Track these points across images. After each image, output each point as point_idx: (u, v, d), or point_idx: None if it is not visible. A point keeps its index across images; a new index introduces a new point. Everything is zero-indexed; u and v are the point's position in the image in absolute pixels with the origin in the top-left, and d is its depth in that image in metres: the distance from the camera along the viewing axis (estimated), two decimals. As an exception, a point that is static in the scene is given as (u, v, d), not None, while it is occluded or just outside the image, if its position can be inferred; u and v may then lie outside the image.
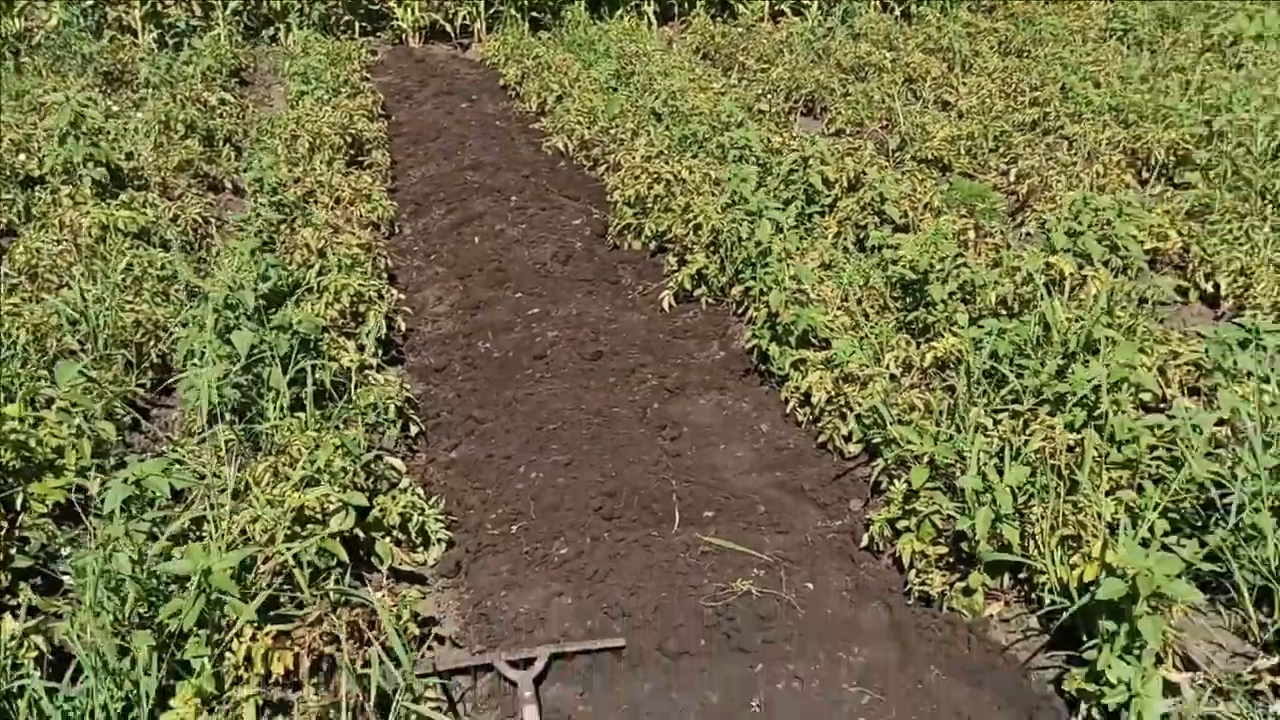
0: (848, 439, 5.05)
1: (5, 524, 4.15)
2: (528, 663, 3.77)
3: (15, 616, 3.47)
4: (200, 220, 7.58)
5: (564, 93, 11.21)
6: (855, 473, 4.95)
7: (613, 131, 9.50)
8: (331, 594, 3.76)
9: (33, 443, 4.36)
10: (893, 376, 5.15)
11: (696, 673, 3.71)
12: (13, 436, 4.29)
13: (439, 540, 4.45)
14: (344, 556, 3.89)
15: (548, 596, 4.15)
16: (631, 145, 8.86)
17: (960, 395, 4.86)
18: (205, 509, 3.96)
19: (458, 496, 4.87)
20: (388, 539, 4.27)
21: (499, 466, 5.11)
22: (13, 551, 3.94)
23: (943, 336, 5.33)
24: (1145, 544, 3.65)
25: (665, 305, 6.76)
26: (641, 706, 3.60)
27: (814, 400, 5.20)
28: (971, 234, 6.62)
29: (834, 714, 3.53)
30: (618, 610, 4.05)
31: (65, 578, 3.97)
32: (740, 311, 6.49)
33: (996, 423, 4.52)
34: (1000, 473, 4.02)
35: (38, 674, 3.27)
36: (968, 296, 5.77)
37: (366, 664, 3.44)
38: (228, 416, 4.79)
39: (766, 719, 3.52)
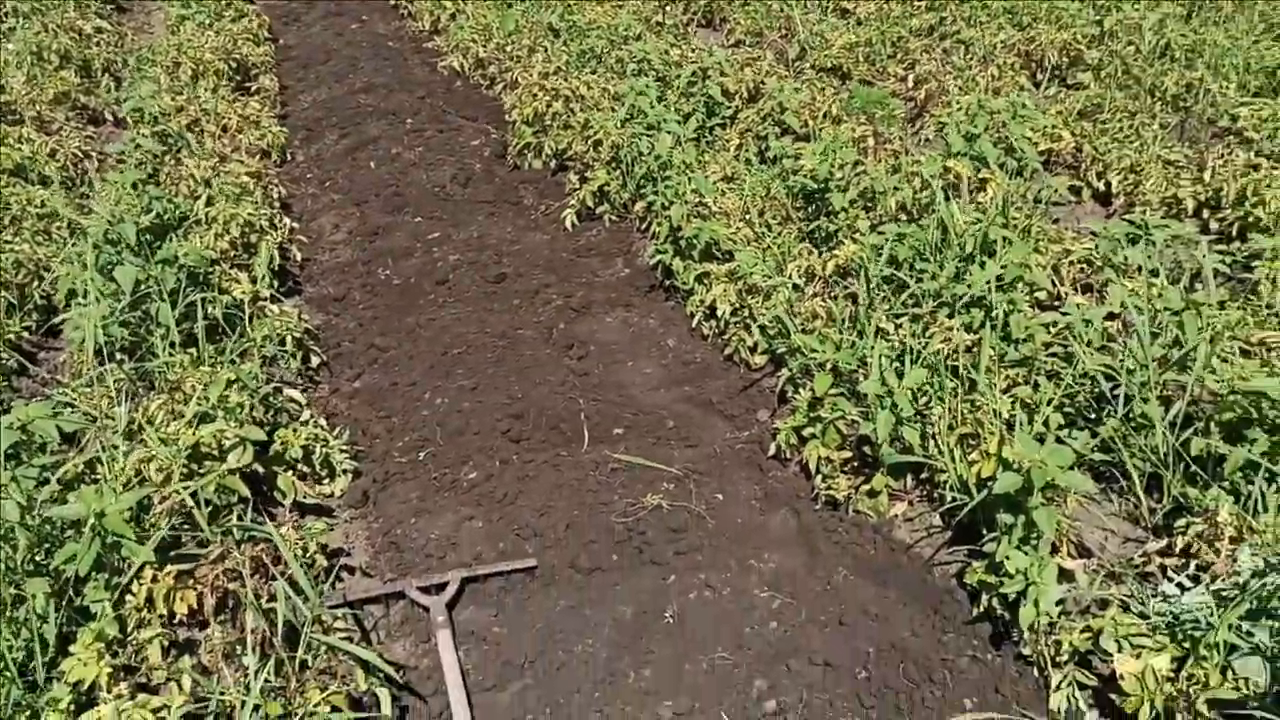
0: (753, 350, 5.08)
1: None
2: (440, 588, 3.75)
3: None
4: (80, 154, 7.27)
5: (457, 10, 10.92)
6: (762, 383, 4.99)
7: (509, 49, 9.29)
8: (234, 531, 3.69)
9: (-92, 392, 4.18)
10: (796, 286, 5.17)
11: (609, 588, 3.74)
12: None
13: (345, 471, 4.39)
14: (245, 492, 3.82)
15: (458, 521, 4.12)
16: (528, 62, 8.68)
17: (862, 302, 4.90)
18: (97, 451, 3.85)
19: (363, 426, 4.80)
20: (290, 472, 4.19)
21: (404, 394, 5.03)
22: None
23: (844, 244, 5.35)
24: (1040, 438, 3.75)
25: (568, 224, 6.67)
26: (555, 624, 3.62)
27: (719, 313, 5.20)
28: (871, 141, 6.63)
29: (746, 619, 3.58)
30: (529, 531, 4.05)
31: (-48, 530, 3.83)
32: (643, 227, 6.44)
33: (897, 327, 4.58)
34: (900, 376, 4.08)
35: (-73, 629, 3.17)
36: (868, 204, 5.79)
37: (272, 598, 3.40)
38: (118, 355, 4.63)
39: (680, 629, 3.56)
